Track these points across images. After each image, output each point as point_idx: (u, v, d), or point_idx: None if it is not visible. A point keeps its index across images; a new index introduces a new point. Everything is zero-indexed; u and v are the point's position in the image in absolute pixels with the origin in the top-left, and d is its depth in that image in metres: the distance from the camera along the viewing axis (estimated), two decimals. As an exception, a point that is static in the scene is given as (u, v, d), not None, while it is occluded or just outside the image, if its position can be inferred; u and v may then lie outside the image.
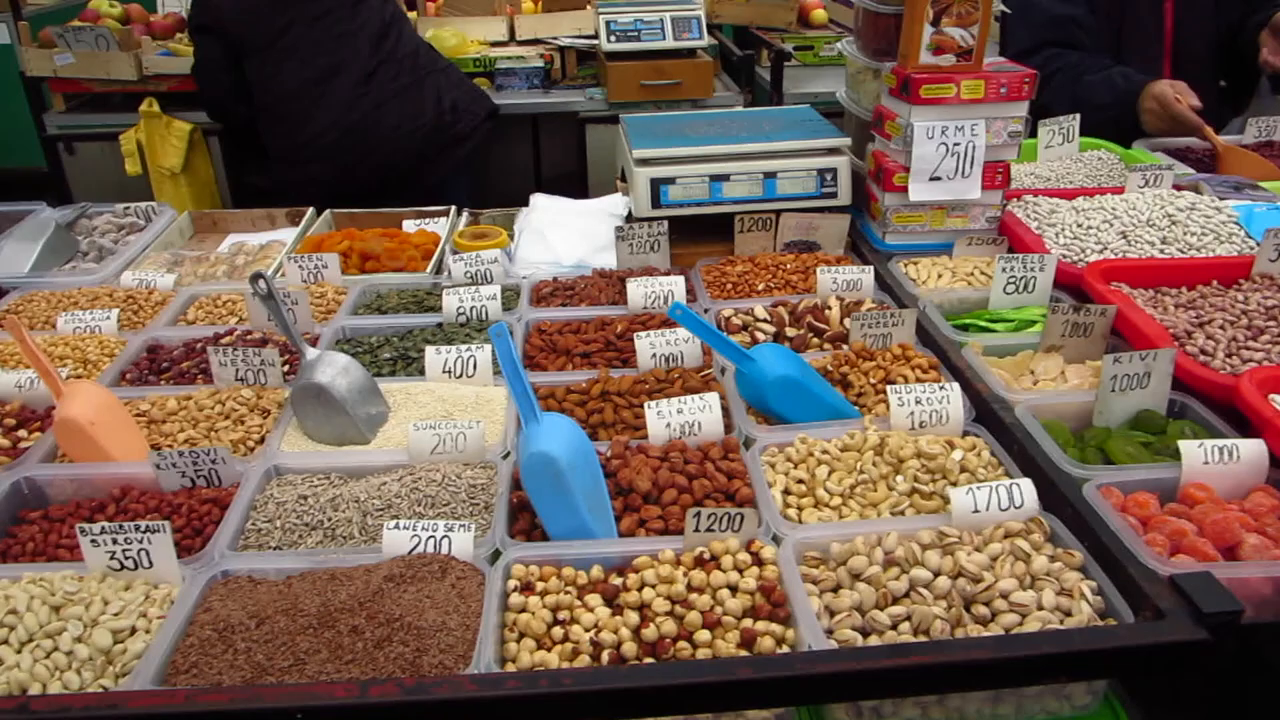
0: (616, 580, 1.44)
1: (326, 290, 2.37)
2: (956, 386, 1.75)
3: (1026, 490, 1.50)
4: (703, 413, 1.74)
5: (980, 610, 1.36)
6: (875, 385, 1.88)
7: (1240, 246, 2.25)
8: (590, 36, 4.69)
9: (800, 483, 1.64)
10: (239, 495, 1.63)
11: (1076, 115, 2.93)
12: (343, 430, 1.80)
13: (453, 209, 2.87)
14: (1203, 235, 2.26)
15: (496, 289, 2.24)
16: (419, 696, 1.18)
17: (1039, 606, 1.35)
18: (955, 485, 1.58)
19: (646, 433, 1.75)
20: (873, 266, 2.27)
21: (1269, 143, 3.09)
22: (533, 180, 4.73)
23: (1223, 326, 1.92)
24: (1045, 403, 1.78)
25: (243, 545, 1.57)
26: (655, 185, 2.42)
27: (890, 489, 1.62)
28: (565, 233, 2.57)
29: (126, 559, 1.44)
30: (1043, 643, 1.24)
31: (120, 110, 4.37)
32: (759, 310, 2.15)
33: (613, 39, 4.30)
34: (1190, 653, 1.22)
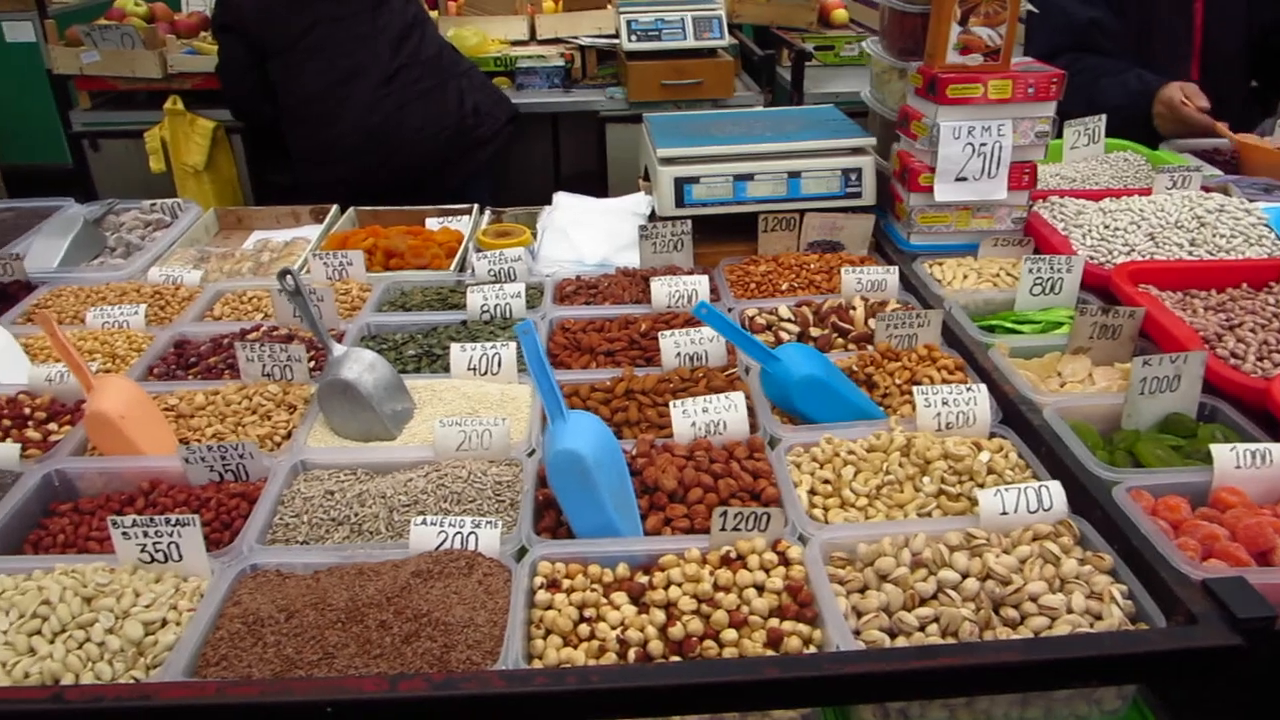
0: (642, 578, 1.44)
1: (351, 287, 2.38)
2: (983, 388, 1.74)
3: (1055, 492, 1.50)
4: (728, 412, 1.74)
5: (1009, 613, 1.35)
6: (901, 386, 1.87)
7: (1270, 249, 2.23)
8: (611, 36, 4.69)
9: (826, 483, 1.64)
10: (266, 490, 1.64)
11: (1102, 116, 2.90)
12: (369, 426, 1.81)
13: (475, 207, 2.88)
14: (1232, 237, 2.24)
15: (520, 287, 2.24)
16: (447, 692, 1.19)
17: (1069, 610, 1.34)
18: (982, 487, 1.57)
19: (671, 431, 1.75)
20: (897, 267, 2.26)
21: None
22: (552, 179, 4.73)
23: (1254, 330, 1.90)
24: (1073, 405, 1.76)
25: (270, 539, 1.58)
26: (679, 184, 2.42)
27: (917, 490, 1.61)
28: (589, 231, 2.57)
29: (157, 552, 1.45)
30: (1073, 646, 1.23)
31: (144, 108, 4.41)
32: (783, 310, 2.14)
33: (634, 38, 4.30)
34: (1224, 658, 1.21)
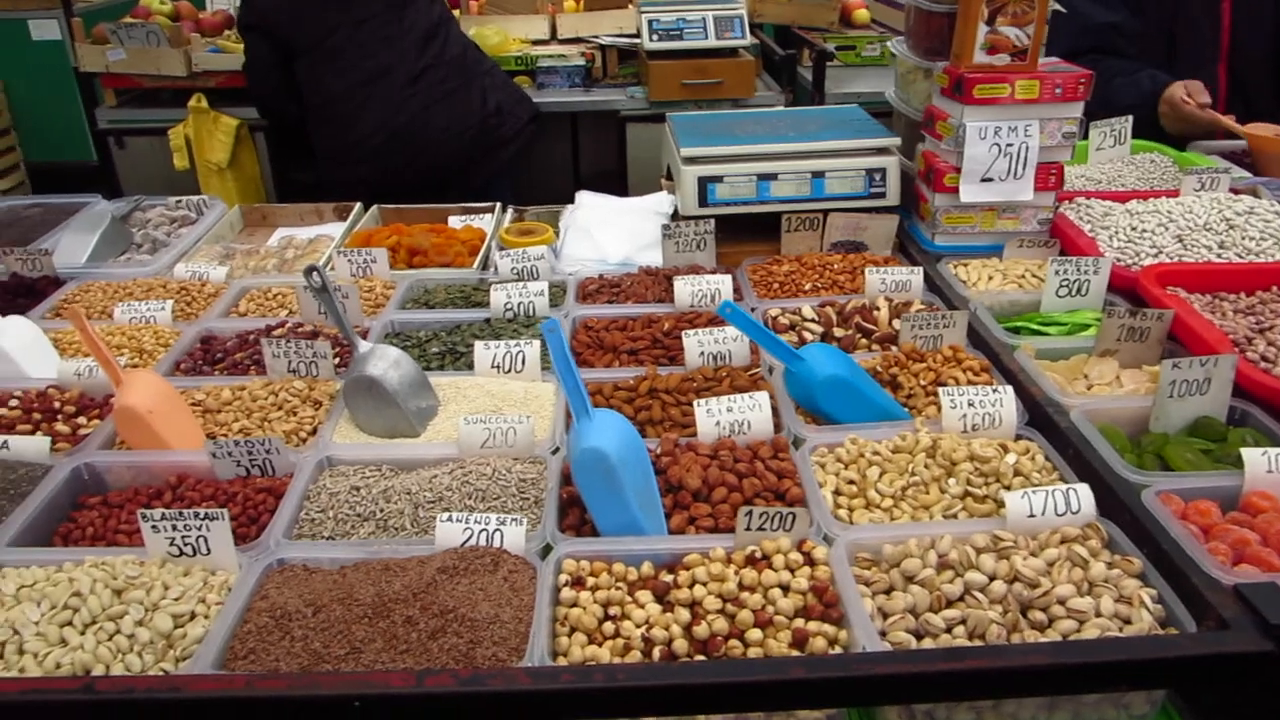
0: (667, 577, 1.44)
1: (375, 284, 2.39)
2: (1010, 389, 1.73)
3: (1084, 495, 1.48)
4: (752, 411, 1.74)
5: (1037, 616, 1.34)
6: (925, 387, 1.86)
7: (1301, 252, 2.21)
8: (632, 35, 4.69)
9: (851, 483, 1.63)
10: (293, 485, 1.65)
11: (1129, 117, 2.88)
12: (394, 423, 1.82)
13: (498, 205, 2.89)
14: (1262, 240, 2.21)
15: (544, 285, 2.24)
16: (474, 688, 1.19)
17: (1097, 613, 1.33)
18: (1009, 489, 1.57)
19: (694, 430, 1.75)
20: (921, 267, 2.25)
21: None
22: (571, 178, 4.74)
23: (1284, 333, 1.89)
24: (1101, 407, 1.75)
25: (297, 534, 1.58)
26: (703, 184, 2.42)
27: (942, 492, 1.60)
28: (611, 230, 2.57)
29: (186, 545, 1.46)
30: (1103, 650, 1.23)
31: (169, 106, 4.44)
32: (806, 310, 2.14)
33: (655, 38, 4.29)
34: (1256, 664, 1.20)
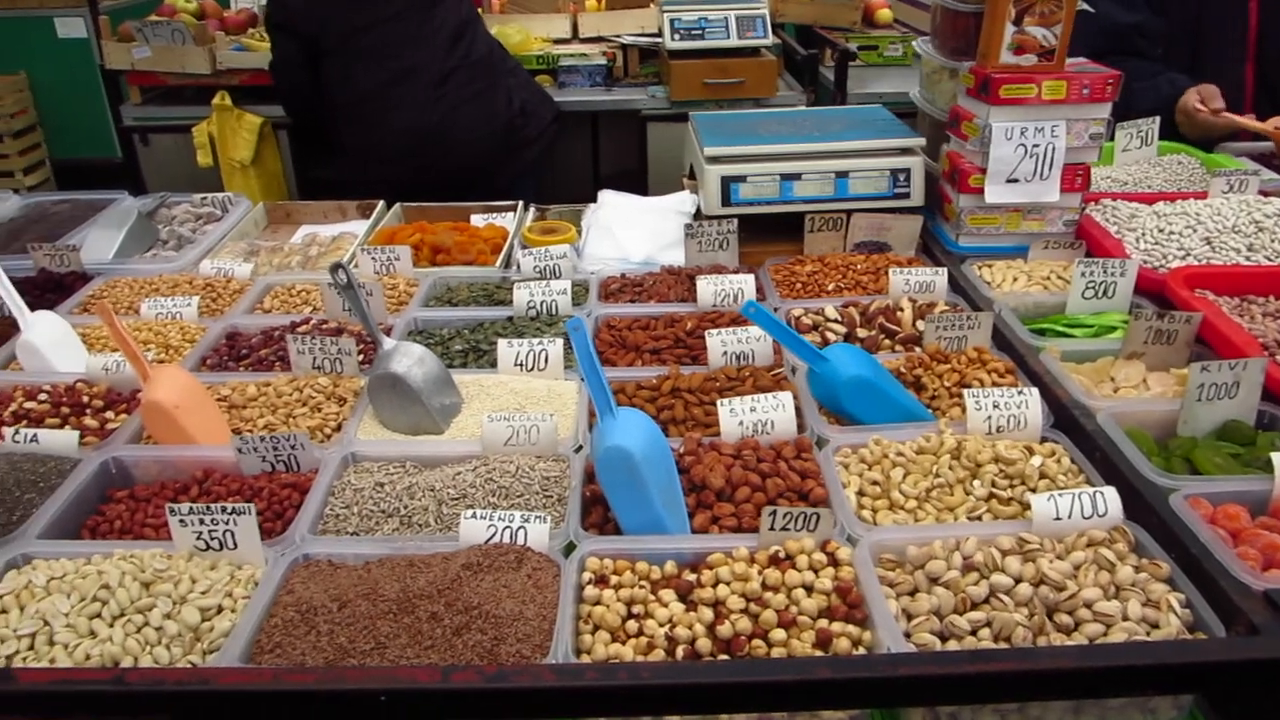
0: (690, 576, 1.44)
1: (398, 282, 2.40)
2: (1035, 391, 1.72)
3: (1110, 498, 1.47)
4: (776, 411, 1.74)
5: (1063, 619, 1.34)
6: (950, 388, 1.85)
7: (1332, 255, 2.18)
8: (653, 35, 4.68)
9: (875, 484, 1.63)
10: (318, 481, 1.66)
11: (1155, 118, 2.86)
12: (417, 420, 1.83)
13: (520, 204, 2.90)
14: (1291, 242, 2.20)
15: (566, 284, 2.25)
16: (499, 684, 1.19)
17: (1124, 617, 1.32)
18: (1034, 492, 1.56)
19: (717, 430, 1.75)
20: (946, 268, 2.24)
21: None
22: (591, 177, 4.74)
23: (1314, 337, 1.87)
24: (1128, 410, 1.74)
25: (322, 530, 1.59)
26: (726, 183, 2.42)
27: (967, 493, 1.60)
28: (633, 229, 2.57)
29: (213, 539, 1.47)
30: (1131, 653, 1.22)
31: (193, 103, 4.47)
32: (829, 310, 2.13)
33: (676, 37, 4.28)
34: (1287, 670, 1.19)
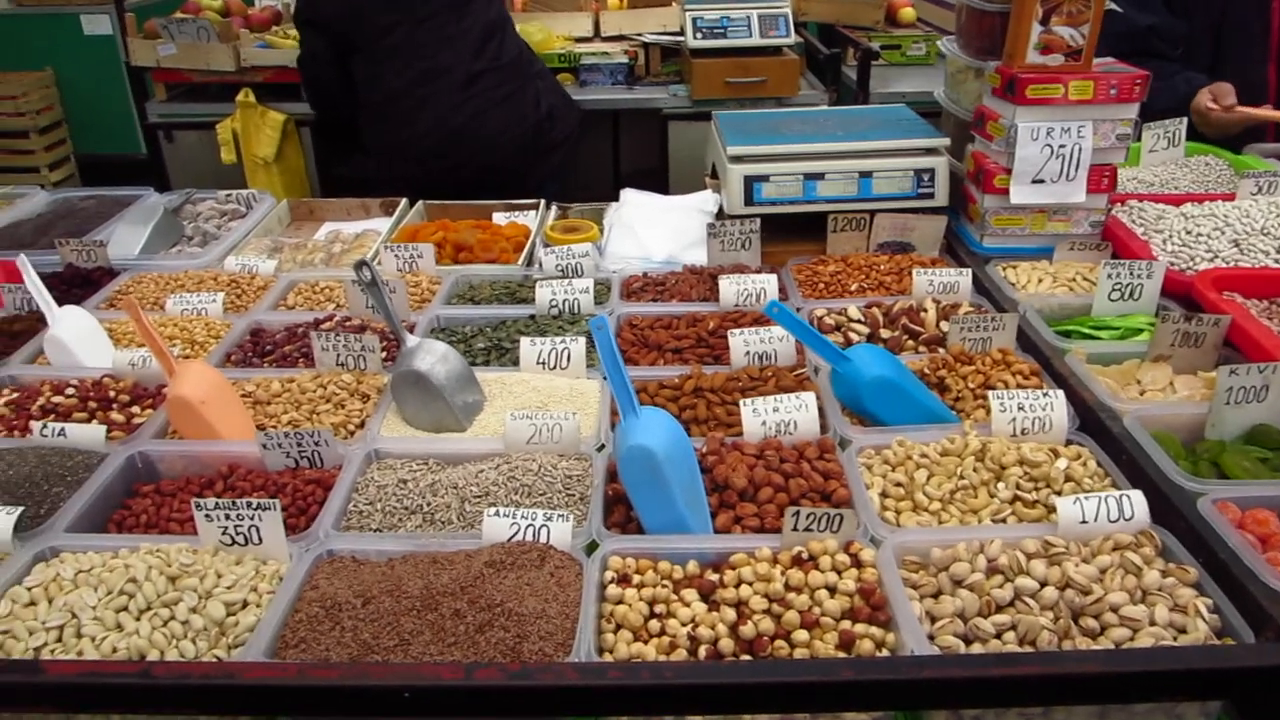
0: (712, 576, 1.44)
1: (421, 280, 2.41)
2: (1060, 393, 1.71)
3: (1137, 502, 1.46)
4: (799, 412, 1.73)
5: (1089, 623, 1.33)
6: (974, 390, 1.84)
7: (1362, 258, 2.16)
8: (675, 33, 4.68)
9: (898, 486, 1.62)
10: (341, 477, 1.67)
11: (1183, 119, 2.83)
12: (440, 417, 1.83)
13: (542, 202, 2.90)
14: (1322, 245, 2.17)
15: (589, 282, 2.25)
16: (523, 682, 1.19)
17: (1151, 622, 1.31)
18: (1059, 495, 1.55)
19: (739, 430, 1.74)
20: (970, 269, 2.23)
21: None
22: (611, 176, 4.74)
23: (1345, 341, 1.84)
24: (1155, 413, 1.72)
25: (345, 526, 1.60)
26: (749, 183, 2.41)
27: (991, 496, 1.59)
28: (655, 228, 2.57)
29: (238, 534, 1.48)
30: (1159, 659, 1.20)
31: (217, 100, 4.50)
32: (852, 311, 2.12)
33: (699, 36, 4.27)
34: (1317, 677, 1.17)
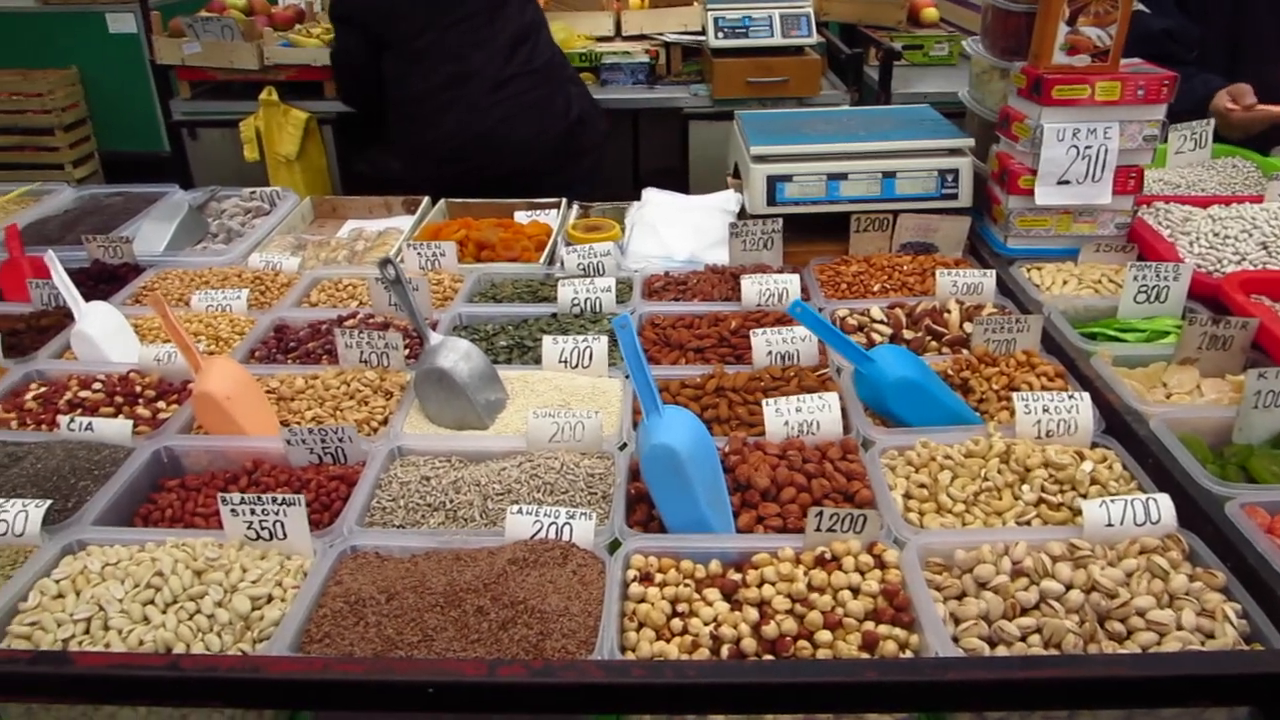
0: (735, 576, 1.44)
1: (443, 278, 2.42)
2: (1086, 396, 1.70)
3: (1164, 505, 1.45)
4: (822, 412, 1.73)
5: (1115, 627, 1.32)
6: (998, 392, 1.83)
7: (1393, 261, 2.13)
8: (696, 32, 4.67)
9: (922, 487, 1.61)
10: (365, 474, 1.68)
11: (1210, 120, 2.80)
12: (463, 415, 1.84)
13: (564, 201, 2.90)
14: (1352, 248, 2.14)
15: (611, 281, 2.25)
16: (546, 679, 1.19)
17: (1178, 626, 1.30)
18: (1085, 497, 1.54)
19: (761, 429, 1.74)
20: (994, 270, 2.21)
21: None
22: (631, 175, 4.74)
23: (1375, 344, 1.82)
24: (1182, 416, 1.71)
25: (369, 522, 1.61)
26: (771, 182, 2.41)
27: (1016, 498, 1.58)
28: (677, 228, 2.57)
29: (263, 529, 1.50)
30: (1187, 663, 1.20)
31: (240, 98, 4.53)
32: (875, 311, 2.12)
33: (720, 35, 4.27)
34: (1348, 684, 1.16)
